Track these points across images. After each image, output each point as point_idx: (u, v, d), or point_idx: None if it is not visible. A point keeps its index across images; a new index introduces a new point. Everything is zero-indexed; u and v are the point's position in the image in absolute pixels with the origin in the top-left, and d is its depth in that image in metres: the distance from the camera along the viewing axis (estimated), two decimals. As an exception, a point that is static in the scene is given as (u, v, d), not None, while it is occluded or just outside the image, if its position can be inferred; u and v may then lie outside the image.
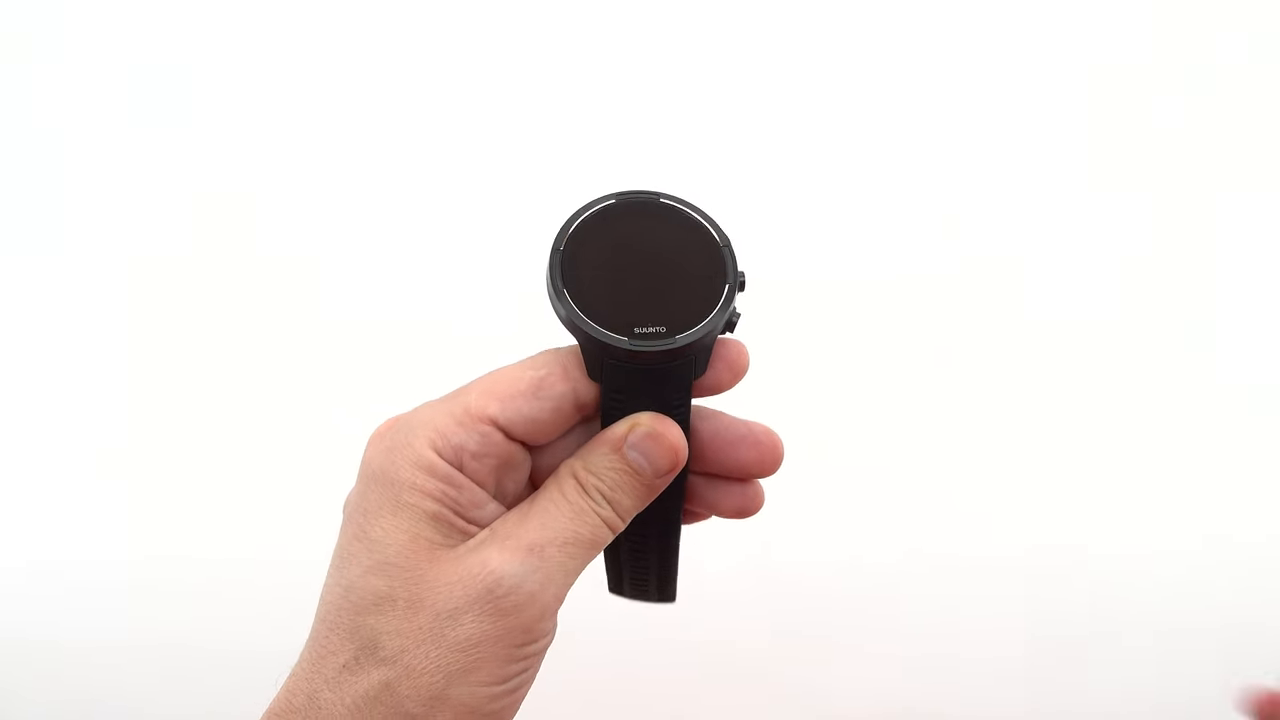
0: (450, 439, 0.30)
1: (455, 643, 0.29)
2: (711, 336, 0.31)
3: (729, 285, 0.31)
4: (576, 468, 0.32)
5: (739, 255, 0.33)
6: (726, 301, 0.31)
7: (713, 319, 0.31)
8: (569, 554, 0.31)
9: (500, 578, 0.29)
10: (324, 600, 0.31)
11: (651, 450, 0.32)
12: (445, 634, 0.29)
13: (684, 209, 0.33)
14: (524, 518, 0.31)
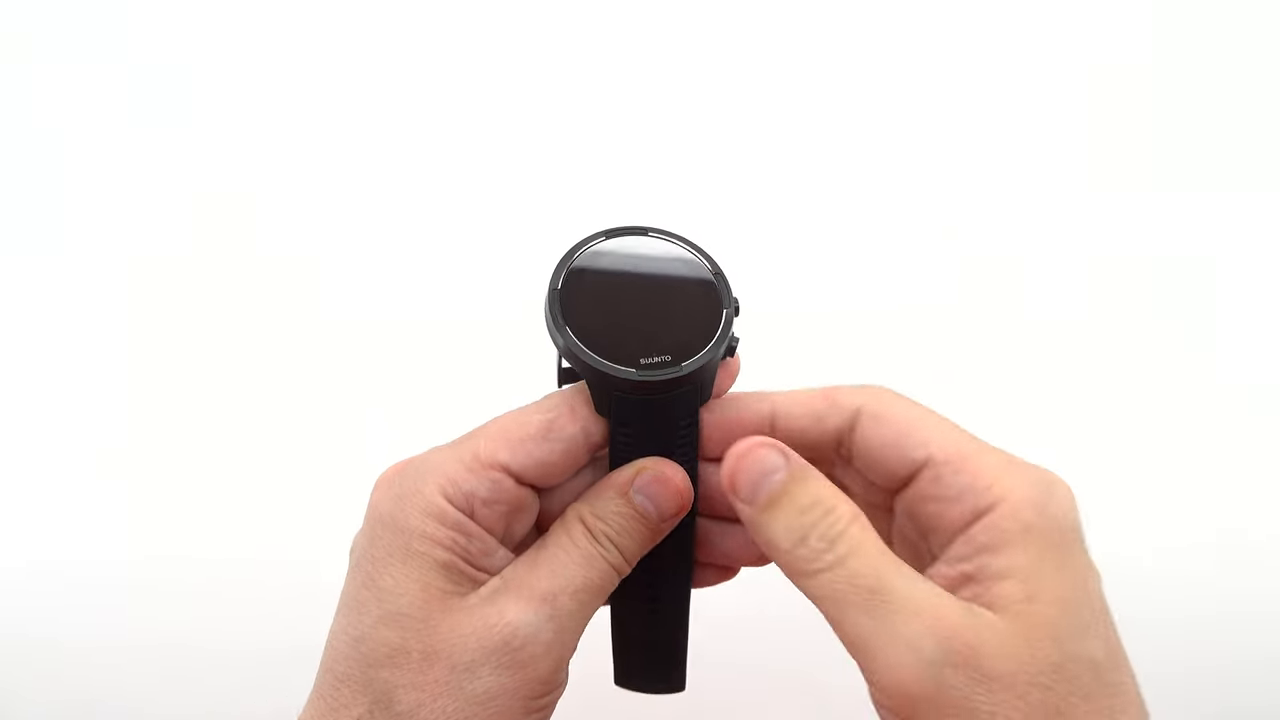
0: (461, 486, 0.30)
1: (473, 696, 0.29)
2: (715, 362, 0.32)
3: (726, 311, 0.32)
4: (584, 512, 0.31)
5: (732, 281, 0.33)
6: (726, 327, 0.32)
7: (715, 344, 0.31)
8: (580, 601, 0.30)
9: (516, 629, 0.29)
10: (332, 649, 0.30)
11: (658, 494, 0.31)
12: (463, 687, 0.29)
13: (674, 242, 0.33)
14: (534, 565, 0.30)
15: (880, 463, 0.31)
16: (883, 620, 0.27)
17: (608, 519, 0.31)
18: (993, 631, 0.26)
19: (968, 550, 0.28)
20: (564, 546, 0.31)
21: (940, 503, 0.29)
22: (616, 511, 0.31)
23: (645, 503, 0.31)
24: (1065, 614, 0.27)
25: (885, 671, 0.26)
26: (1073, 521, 0.28)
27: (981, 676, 0.26)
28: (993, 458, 0.29)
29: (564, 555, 0.31)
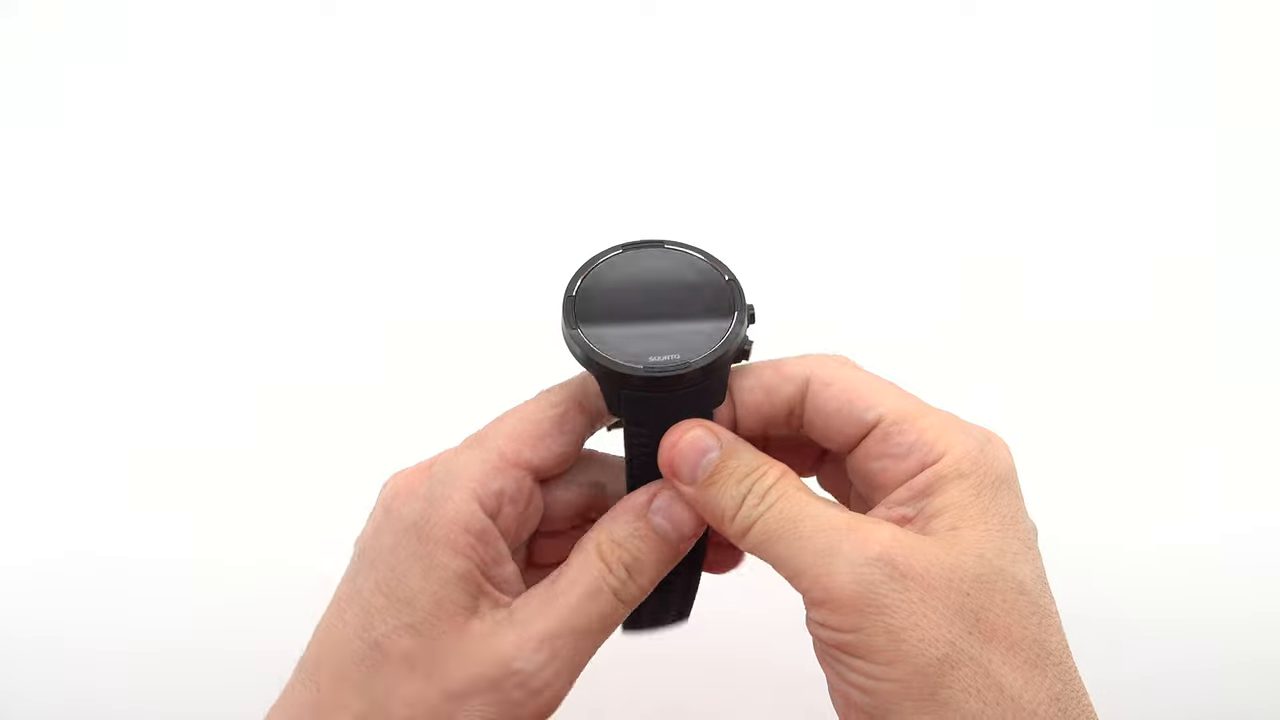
0: (490, 486, 0.30)
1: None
2: (726, 361, 0.32)
3: (738, 313, 0.32)
4: (601, 541, 0.32)
5: (749, 291, 0.34)
6: (737, 327, 0.32)
7: (726, 342, 0.32)
8: (584, 645, 0.31)
9: (513, 670, 0.29)
10: (333, 644, 0.30)
11: (677, 514, 0.32)
12: (453, 715, 0.29)
13: (689, 252, 0.34)
14: (545, 603, 0.31)
15: (832, 426, 0.32)
16: (808, 539, 0.28)
17: (625, 543, 0.32)
18: (915, 541, 0.28)
19: (907, 495, 0.30)
20: (576, 583, 0.31)
21: (888, 459, 0.31)
22: (633, 534, 0.32)
23: (664, 524, 0.32)
24: (990, 539, 0.28)
25: (814, 584, 0.28)
26: (1004, 471, 0.30)
27: (899, 574, 0.27)
28: (938, 418, 0.31)
29: (575, 591, 0.31)
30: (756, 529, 0.30)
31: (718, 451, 0.31)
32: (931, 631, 0.27)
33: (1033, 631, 0.27)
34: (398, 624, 0.29)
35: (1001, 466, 0.30)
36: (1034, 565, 0.29)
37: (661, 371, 0.31)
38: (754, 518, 0.30)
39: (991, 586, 0.27)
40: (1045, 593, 0.29)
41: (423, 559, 0.30)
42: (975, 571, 0.27)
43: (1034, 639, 0.27)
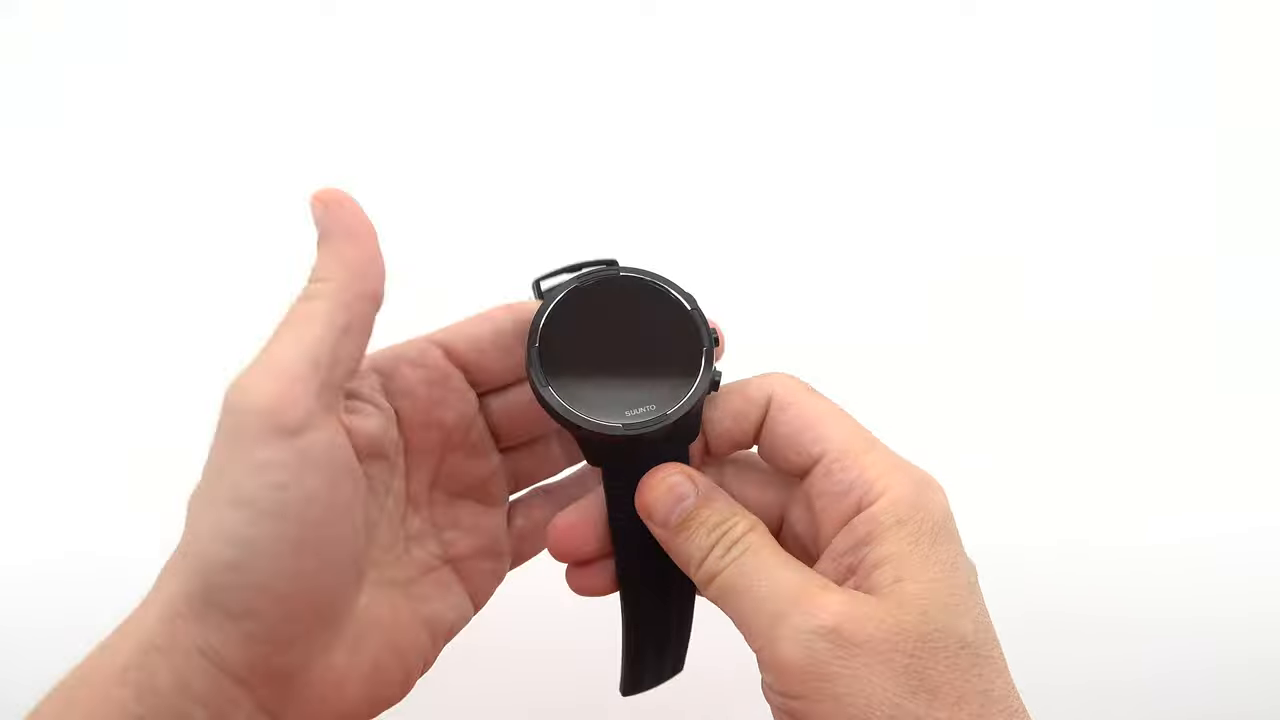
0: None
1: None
2: (700, 403, 0.32)
3: (705, 349, 0.33)
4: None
5: (709, 309, 0.34)
6: (707, 366, 0.32)
7: (698, 387, 0.32)
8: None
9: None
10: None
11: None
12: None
13: (645, 279, 0.34)
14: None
15: (781, 453, 0.33)
16: (761, 601, 0.30)
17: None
18: (860, 605, 0.29)
19: (848, 543, 0.31)
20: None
21: (828, 498, 0.32)
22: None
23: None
24: (933, 593, 0.29)
25: (765, 647, 0.29)
26: (942, 517, 0.31)
27: (844, 643, 0.28)
28: (880, 455, 0.32)
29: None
30: (719, 581, 0.31)
31: (693, 499, 0.32)
32: (877, 696, 0.28)
33: (975, 684, 0.28)
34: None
35: (938, 512, 0.31)
36: (975, 613, 0.30)
37: (640, 429, 0.31)
38: (717, 569, 0.31)
39: (935, 645, 0.28)
40: (988, 639, 0.30)
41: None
42: (919, 631, 0.28)
43: (978, 690, 0.28)
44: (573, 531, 0.35)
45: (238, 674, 0.29)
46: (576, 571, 0.36)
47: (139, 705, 0.28)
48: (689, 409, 0.32)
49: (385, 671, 0.32)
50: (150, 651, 0.28)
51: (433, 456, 0.34)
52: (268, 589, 0.28)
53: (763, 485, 0.35)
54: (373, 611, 0.32)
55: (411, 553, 0.35)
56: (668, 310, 0.33)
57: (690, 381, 0.32)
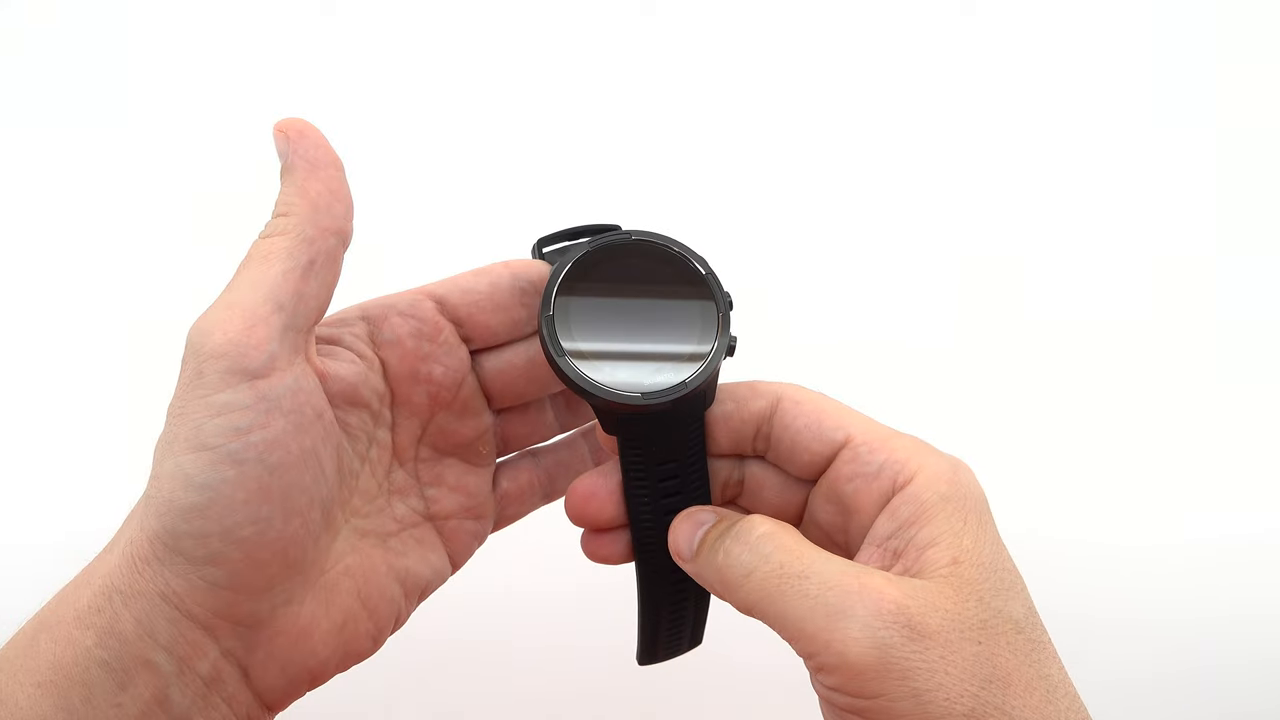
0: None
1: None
2: (716, 369, 0.31)
3: (721, 314, 0.32)
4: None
5: (723, 275, 0.33)
6: (723, 332, 0.31)
7: (715, 355, 0.31)
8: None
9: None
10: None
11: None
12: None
13: (658, 243, 0.33)
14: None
15: (799, 444, 0.32)
16: (817, 600, 0.27)
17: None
18: (922, 591, 0.27)
19: (891, 525, 0.29)
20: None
21: (860, 480, 0.30)
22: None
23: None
24: (987, 576, 0.28)
25: (825, 649, 0.27)
26: (981, 495, 0.30)
27: (916, 634, 0.26)
28: (905, 440, 0.31)
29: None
30: (753, 585, 0.29)
31: (711, 522, 0.31)
32: (955, 688, 0.26)
33: (1037, 668, 0.27)
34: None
35: (979, 491, 0.30)
36: (1023, 598, 0.29)
37: (660, 398, 0.30)
38: (749, 571, 0.29)
39: (995, 631, 0.27)
40: (1037, 624, 0.29)
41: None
42: (980, 618, 0.27)
43: (1040, 675, 0.27)
44: (592, 497, 0.33)
45: (202, 620, 0.28)
46: (592, 538, 0.34)
47: (102, 649, 0.27)
48: (708, 375, 0.31)
49: (356, 624, 0.32)
50: (113, 595, 0.28)
51: (421, 411, 0.34)
52: (230, 535, 0.27)
53: (779, 487, 0.34)
54: (346, 561, 0.32)
55: (393, 506, 0.34)
56: (681, 273, 0.32)
57: (707, 346, 0.31)
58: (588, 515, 0.34)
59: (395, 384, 0.33)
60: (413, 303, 0.33)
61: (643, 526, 0.33)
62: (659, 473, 0.32)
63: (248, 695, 0.30)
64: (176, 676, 0.28)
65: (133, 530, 0.28)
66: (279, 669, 0.30)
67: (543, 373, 0.34)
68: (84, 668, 0.27)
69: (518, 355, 0.34)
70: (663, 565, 0.34)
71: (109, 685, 0.27)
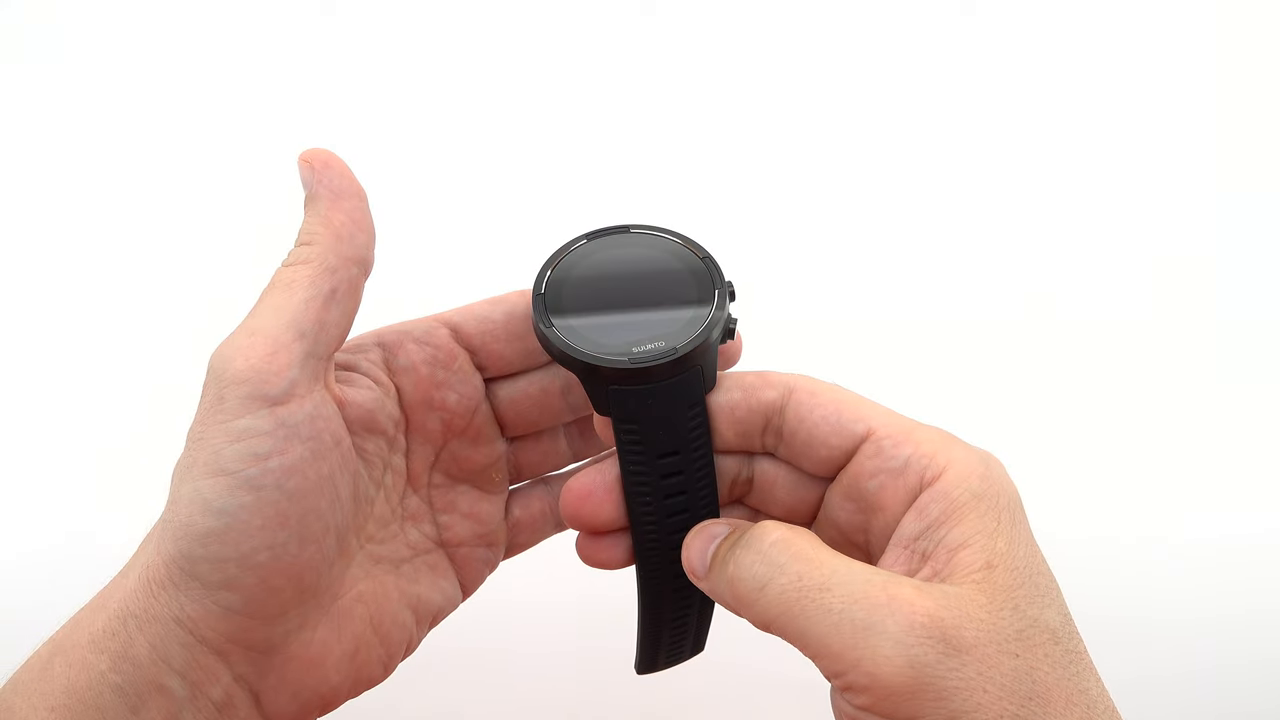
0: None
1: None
2: (713, 343, 0.30)
3: (719, 292, 0.31)
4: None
5: (738, 278, 0.32)
6: (720, 307, 0.31)
7: (709, 324, 0.30)
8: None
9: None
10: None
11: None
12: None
13: (659, 234, 0.32)
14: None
15: (816, 438, 0.30)
16: (842, 615, 0.25)
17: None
18: (955, 601, 0.25)
19: (920, 525, 0.27)
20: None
21: (884, 476, 0.28)
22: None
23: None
24: (1022, 582, 0.26)
25: (854, 668, 0.25)
26: (1014, 491, 0.28)
27: (952, 650, 0.24)
28: (930, 432, 0.29)
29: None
30: (769, 599, 0.26)
31: (726, 533, 0.29)
32: (994, 708, 0.24)
33: (1076, 682, 0.26)
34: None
35: (1012, 488, 0.28)
36: (1059, 605, 0.27)
37: (647, 361, 0.29)
38: (764, 582, 0.26)
39: (1032, 642, 0.25)
40: (1074, 633, 0.27)
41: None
42: (1016, 628, 0.25)
43: (1079, 690, 0.26)
44: (589, 495, 0.32)
45: (215, 645, 0.28)
46: (589, 541, 0.33)
47: (116, 674, 0.27)
48: (700, 343, 0.30)
49: (368, 651, 0.32)
50: (128, 620, 0.28)
51: (435, 437, 0.34)
52: (246, 560, 0.28)
53: (792, 485, 0.32)
54: (360, 587, 0.32)
55: (407, 532, 0.34)
56: (680, 260, 0.32)
57: (702, 320, 0.30)
58: (583, 515, 0.32)
59: (410, 411, 0.33)
60: (428, 330, 0.33)
61: (644, 527, 0.31)
62: (660, 467, 0.31)
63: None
64: (189, 701, 0.28)
65: (149, 554, 0.29)
66: (290, 695, 0.30)
67: (556, 402, 0.34)
68: (98, 692, 0.27)
69: (532, 384, 0.34)
70: (666, 569, 0.32)
71: (122, 710, 0.27)
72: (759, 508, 0.33)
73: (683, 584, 0.32)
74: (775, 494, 0.32)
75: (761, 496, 0.33)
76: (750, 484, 0.32)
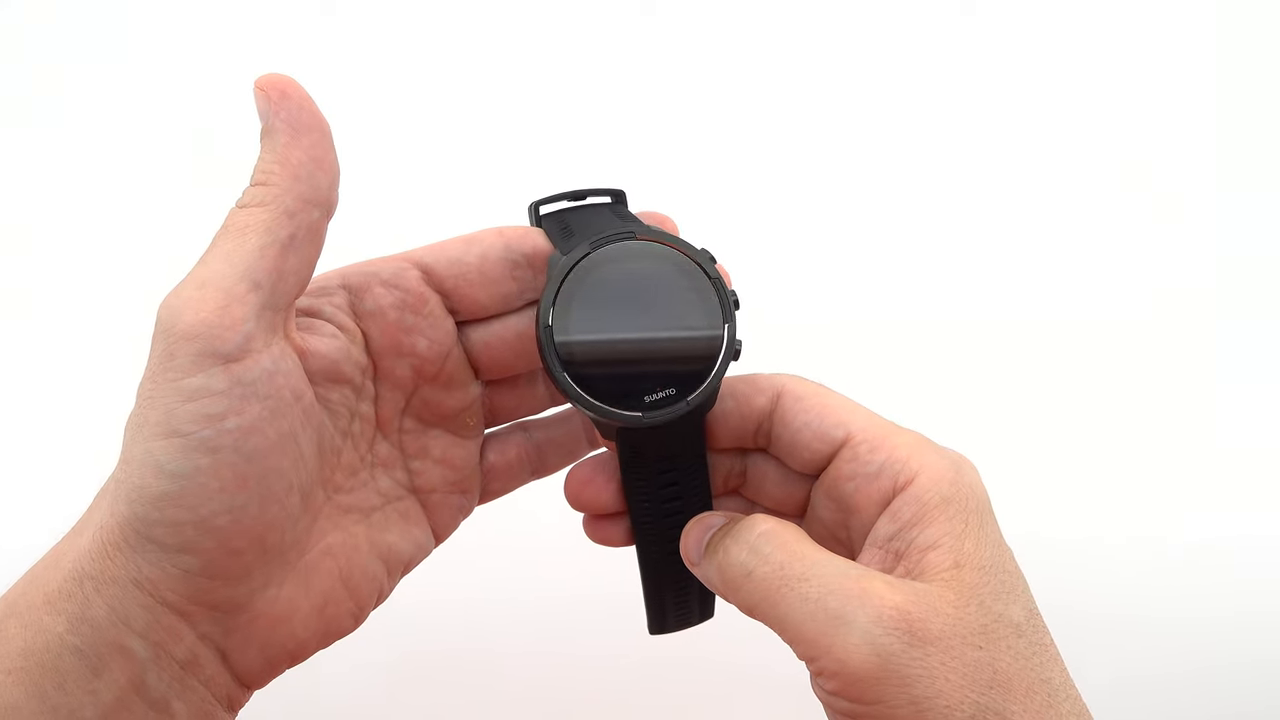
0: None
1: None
2: (719, 385, 0.31)
3: (727, 323, 0.30)
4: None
5: (732, 275, 0.32)
6: (729, 345, 0.30)
7: (720, 368, 0.30)
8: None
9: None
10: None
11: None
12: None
13: (662, 244, 0.31)
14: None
15: (799, 441, 0.31)
16: (817, 604, 0.27)
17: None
18: (923, 596, 0.27)
19: (893, 527, 0.29)
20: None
21: (860, 480, 0.30)
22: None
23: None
24: (988, 579, 0.28)
25: (826, 654, 0.26)
26: (983, 495, 0.30)
27: (917, 641, 0.26)
28: (906, 437, 0.30)
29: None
30: (753, 585, 0.28)
31: (720, 525, 0.31)
32: (956, 695, 0.26)
33: (1038, 672, 0.27)
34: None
35: (981, 491, 0.30)
36: (1024, 601, 0.28)
37: (660, 417, 0.30)
38: (749, 570, 0.28)
39: (995, 635, 0.27)
40: (1039, 626, 0.28)
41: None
42: (981, 622, 0.27)
43: (1041, 679, 0.27)
44: (590, 483, 0.33)
45: (177, 606, 0.27)
46: (592, 521, 0.35)
47: (74, 636, 0.27)
48: (711, 392, 0.30)
49: (337, 604, 0.31)
50: (84, 580, 0.27)
51: (404, 384, 0.32)
52: (205, 523, 0.26)
53: (782, 480, 0.33)
54: (328, 540, 0.31)
55: (377, 479, 0.33)
56: (686, 278, 0.31)
57: (712, 359, 0.30)
58: (584, 500, 0.34)
59: (377, 357, 0.31)
60: (397, 271, 0.31)
61: (643, 522, 0.33)
62: (659, 479, 0.32)
63: (226, 676, 0.29)
64: (152, 661, 0.27)
65: (103, 514, 0.27)
66: (258, 650, 0.29)
67: (532, 347, 0.33)
68: (56, 654, 0.26)
69: (506, 329, 0.32)
70: (663, 555, 0.34)
71: (82, 672, 0.27)
72: (753, 499, 0.34)
73: (679, 565, 0.33)
74: (766, 488, 0.34)
75: (754, 489, 0.34)
76: (744, 477, 0.34)
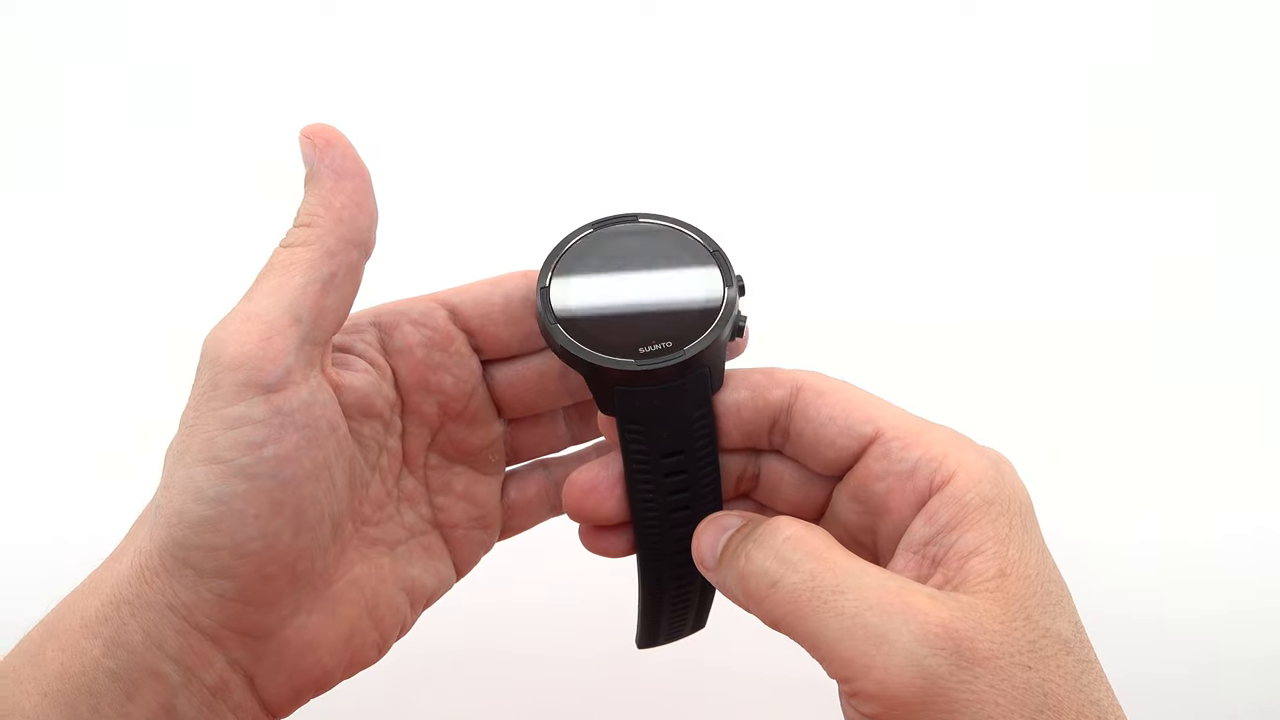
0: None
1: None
2: (721, 343, 0.30)
3: (729, 290, 0.30)
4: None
5: (746, 274, 0.32)
6: (729, 306, 0.30)
7: (718, 324, 0.29)
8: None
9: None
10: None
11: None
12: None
13: (667, 224, 0.31)
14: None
15: (823, 438, 0.29)
16: (854, 619, 0.24)
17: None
18: (969, 611, 0.25)
19: (930, 530, 0.27)
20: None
21: (892, 479, 0.28)
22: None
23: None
24: (1034, 590, 0.26)
25: (865, 674, 0.24)
26: (1026, 496, 0.27)
27: (966, 662, 0.24)
28: (941, 433, 0.28)
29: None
30: (780, 597, 0.26)
31: (736, 527, 0.29)
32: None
33: (1087, 693, 0.25)
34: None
35: (1023, 493, 0.27)
36: (1070, 614, 0.26)
37: (654, 364, 0.29)
38: (775, 580, 0.26)
39: (1045, 654, 0.25)
40: (1085, 641, 0.26)
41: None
42: (1029, 639, 0.25)
43: (1090, 701, 0.25)
44: (592, 490, 0.32)
45: (209, 631, 0.28)
46: (591, 532, 0.33)
47: (110, 659, 0.27)
48: (706, 346, 0.29)
49: (362, 634, 0.32)
50: (120, 605, 0.28)
51: (430, 420, 0.33)
52: (240, 549, 0.27)
53: (799, 483, 0.31)
54: (354, 571, 0.32)
55: (403, 514, 0.33)
56: (689, 253, 0.31)
57: (710, 320, 0.29)
58: (586, 510, 0.32)
59: (405, 393, 0.32)
60: (425, 311, 0.32)
61: (647, 522, 0.31)
62: (665, 466, 0.30)
63: (253, 703, 0.30)
64: (183, 686, 0.28)
65: (141, 540, 0.28)
66: (285, 678, 0.30)
67: (555, 386, 0.34)
68: (91, 677, 0.27)
69: (529, 368, 0.33)
70: (668, 560, 0.32)
71: (116, 695, 0.27)
72: (766, 503, 0.33)
73: (684, 574, 0.32)
74: (782, 491, 0.32)
75: (768, 493, 0.32)
76: (756, 480, 0.32)
